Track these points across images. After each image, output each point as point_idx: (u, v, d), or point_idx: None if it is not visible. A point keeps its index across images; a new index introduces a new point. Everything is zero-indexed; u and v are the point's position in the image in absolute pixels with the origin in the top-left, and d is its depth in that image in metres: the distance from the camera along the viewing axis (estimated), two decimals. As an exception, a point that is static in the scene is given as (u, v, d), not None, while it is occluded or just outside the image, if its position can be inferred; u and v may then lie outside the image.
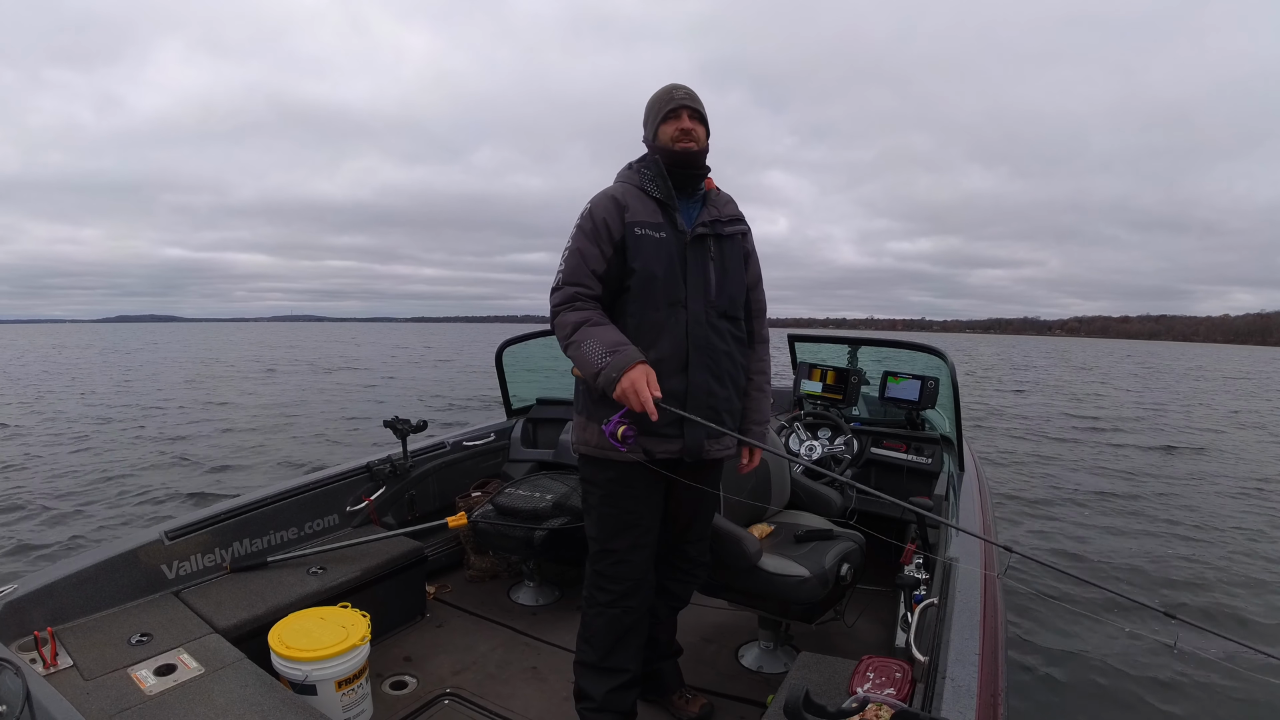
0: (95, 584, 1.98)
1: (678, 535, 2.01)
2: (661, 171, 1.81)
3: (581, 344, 1.67)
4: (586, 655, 1.93)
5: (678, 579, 2.08)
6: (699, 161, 1.83)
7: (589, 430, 1.82)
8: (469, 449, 3.32)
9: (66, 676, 1.64)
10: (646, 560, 1.89)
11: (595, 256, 1.74)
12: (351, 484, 2.83)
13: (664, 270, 1.76)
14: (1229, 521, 6.01)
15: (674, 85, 1.84)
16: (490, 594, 2.95)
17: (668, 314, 1.76)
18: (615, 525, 1.85)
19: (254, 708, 1.55)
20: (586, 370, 1.68)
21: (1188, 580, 4.60)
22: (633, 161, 1.90)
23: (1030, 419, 12.89)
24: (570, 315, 1.73)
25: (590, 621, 1.92)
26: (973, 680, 1.27)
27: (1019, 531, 5.57)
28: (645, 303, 1.76)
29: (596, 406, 1.78)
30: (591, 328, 1.69)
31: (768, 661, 2.45)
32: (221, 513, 2.37)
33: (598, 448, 1.79)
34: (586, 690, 1.93)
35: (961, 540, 1.99)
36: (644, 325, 1.75)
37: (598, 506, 1.87)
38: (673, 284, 1.77)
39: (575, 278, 1.75)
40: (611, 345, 1.64)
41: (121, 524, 5.33)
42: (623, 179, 1.87)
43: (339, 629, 1.95)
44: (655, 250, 1.76)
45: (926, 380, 3.44)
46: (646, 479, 1.82)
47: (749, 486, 2.50)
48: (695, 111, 1.81)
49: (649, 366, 1.64)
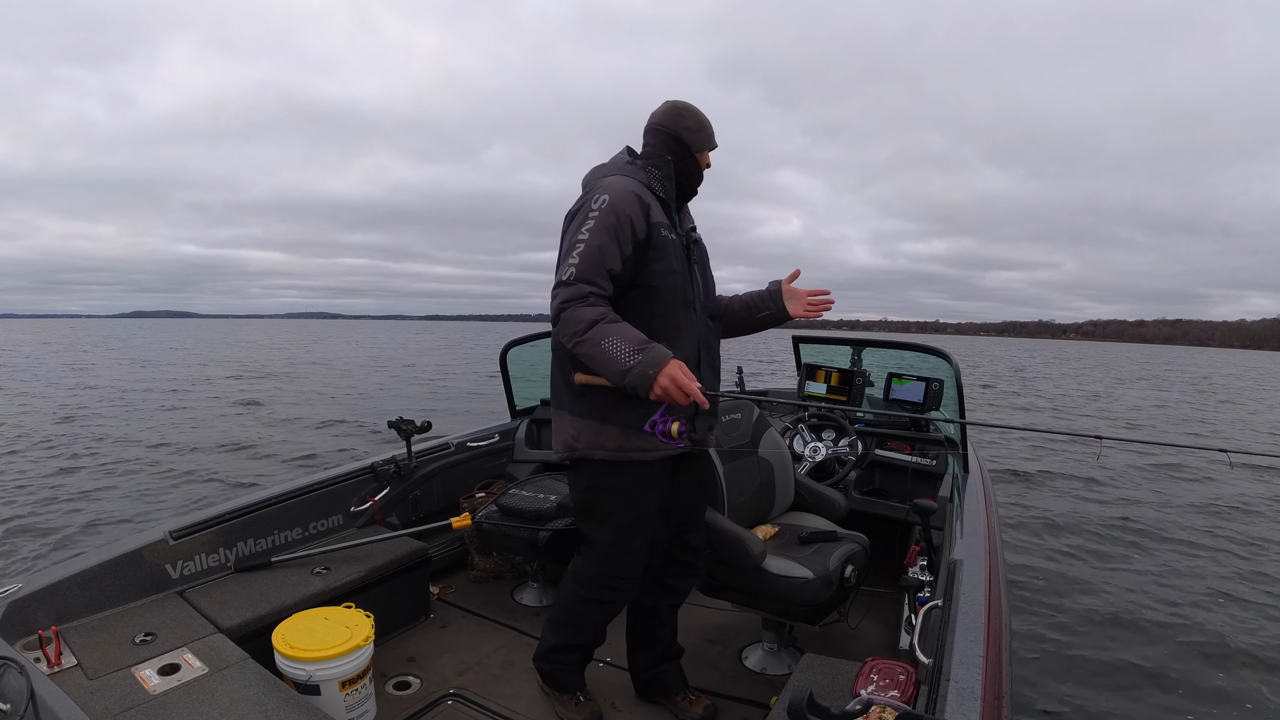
0: (99, 583, 1.98)
1: (679, 527, 2.03)
2: (671, 174, 1.83)
3: (601, 341, 1.60)
4: (571, 637, 2.04)
5: (679, 573, 2.08)
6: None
7: (605, 433, 1.78)
8: (473, 450, 3.32)
9: (71, 676, 1.65)
10: (647, 554, 1.96)
11: (614, 255, 1.68)
12: (356, 484, 2.83)
13: (682, 271, 1.80)
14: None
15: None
16: (494, 594, 2.95)
17: (683, 315, 1.80)
18: (634, 527, 1.88)
19: (258, 708, 1.56)
20: (610, 368, 1.61)
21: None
22: (635, 156, 1.87)
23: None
24: (584, 311, 1.63)
25: (583, 611, 1.99)
26: (977, 682, 1.26)
27: (1019, 532, 5.55)
28: (668, 303, 1.77)
29: (616, 409, 1.75)
30: (610, 324, 1.62)
31: (771, 663, 2.45)
32: (226, 513, 2.37)
33: (618, 450, 1.78)
34: (564, 660, 2.07)
35: (965, 542, 1.99)
36: (670, 325, 1.75)
37: (619, 512, 1.86)
38: (686, 285, 1.82)
39: (590, 275, 1.65)
40: (639, 343, 1.60)
41: (125, 523, 5.36)
42: (629, 174, 1.80)
43: (343, 629, 1.95)
44: (674, 251, 1.79)
45: (931, 382, 3.44)
46: (659, 476, 1.86)
47: (753, 488, 2.49)
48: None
49: (680, 360, 1.63)
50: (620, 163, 1.85)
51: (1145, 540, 5.49)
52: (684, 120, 1.85)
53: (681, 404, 1.60)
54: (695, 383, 1.59)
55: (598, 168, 1.87)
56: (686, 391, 1.58)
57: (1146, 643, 3.69)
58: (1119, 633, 3.80)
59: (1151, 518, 6.17)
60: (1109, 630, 3.82)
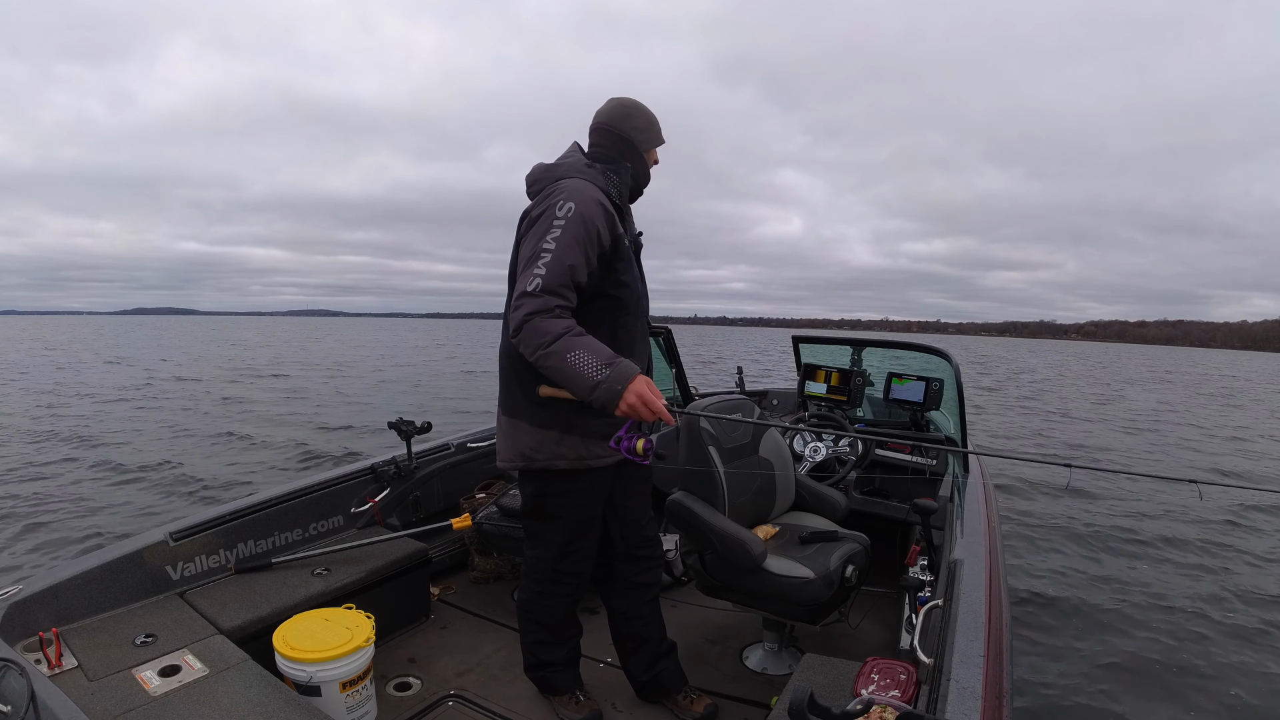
0: (100, 585, 1.98)
1: (634, 523, 2.04)
2: (627, 180, 1.83)
3: (567, 354, 1.57)
4: (540, 634, 2.08)
5: (644, 568, 2.09)
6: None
7: (567, 443, 1.80)
8: (473, 450, 3.33)
9: (71, 677, 1.65)
10: (596, 548, 2.03)
11: (582, 268, 1.64)
12: (356, 485, 2.83)
13: (641, 280, 1.83)
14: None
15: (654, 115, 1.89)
16: (494, 595, 2.95)
17: (641, 324, 1.84)
18: (582, 528, 1.95)
19: (258, 709, 1.56)
20: (576, 383, 1.58)
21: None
22: (594, 161, 1.81)
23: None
24: (551, 322, 1.59)
25: (543, 606, 2.04)
26: (977, 682, 1.26)
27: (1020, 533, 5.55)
28: (635, 313, 1.79)
29: (579, 417, 1.76)
30: (576, 338, 1.59)
31: (772, 663, 2.45)
32: (226, 514, 2.37)
33: (578, 459, 1.82)
34: (547, 659, 2.09)
35: (966, 542, 1.99)
36: (631, 336, 1.76)
37: (570, 515, 1.93)
38: (644, 294, 1.86)
39: (557, 287, 1.61)
40: (606, 358, 1.58)
41: (125, 525, 5.35)
42: (591, 179, 1.75)
43: (343, 630, 1.96)
44: (634, 261, 1.82)
45: (931, 382, 3.44)
46: (605, 480, 1.91)
47: (753, 488, 2.49)
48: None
49: (646, 376, 1.63)
50: (578, 165, 1.78)
51: (1145, 542, 5.48)
52: (632, 119, 1.85)
53: (648, 420, 1.59)
54: (661, 399, 1.58)
55: (549, 167, 1.80)
56: (652, 409, 1.57)
57: (1146, 642, 3.69)
58: (1119, 632, 3.81)
59: (1154, 519, 6.17)
60: (1108, 630, 3.82)
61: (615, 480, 1.95)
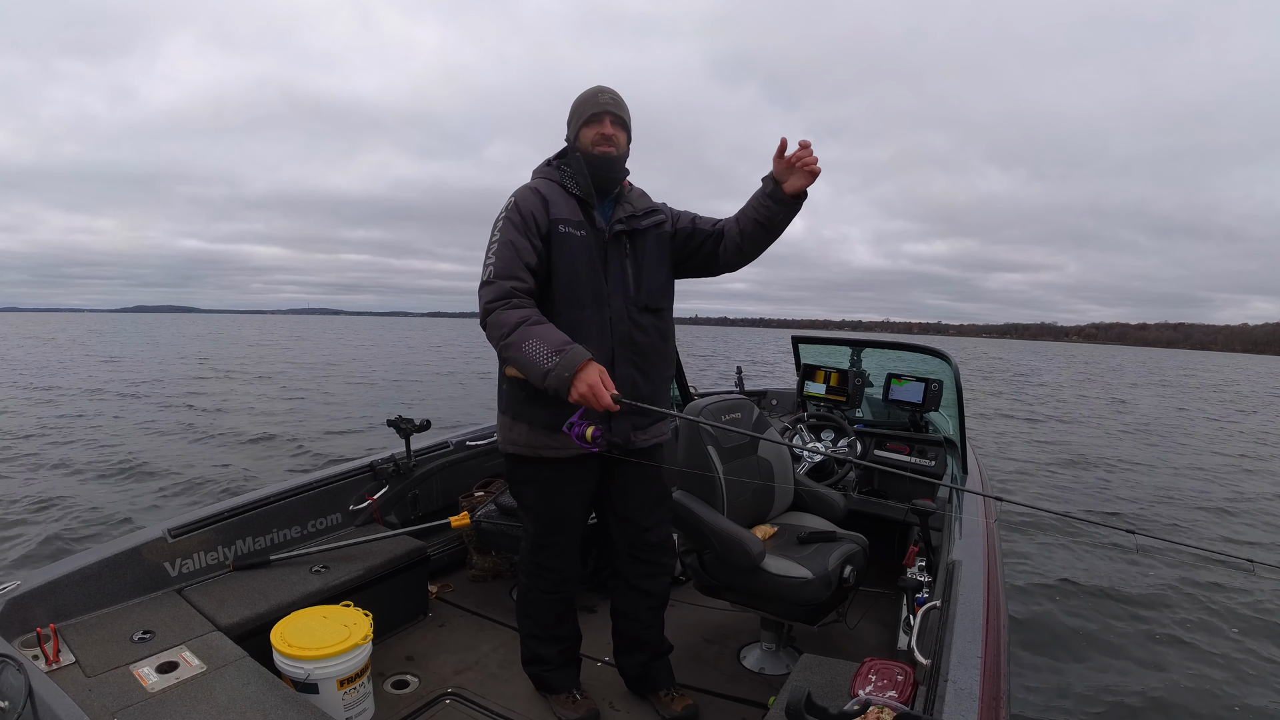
0: (98, 581, 1.98)
1: (637, 525, 2.02)
2: (583, 169, 1.82)
3: (522, 344, 1.63)
4: (533, 628, 2.10)
5: (646, 573, 2.07)
6: (618, 167, 1.87)
7: (515, 430, 1.86)
8: (472, 448, 3.32)
9: (69, 673, 1.65)
10: (577, 549, 2.03)
11: (527, 249, 1.73)
12: (355, 483, 2.83)
13: (586, 268, 1.80)
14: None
15: (600, 89, 1.85)
16: (493, 593, 2.95)
17: (593, 312, 1.80)
18: (552, 521, 1.96)
19: (256, 706, 1.56)
20: (531, 371, 1.64)
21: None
22: (551, 159, 1.91)
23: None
24: (508, 314, 1.67)
25: (534, 601, 2.06)
26: (975, 683, 1.26)
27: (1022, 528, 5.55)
28: (571, 302, 1.78)
29: (526, 406, 1.81)
30: (531, 326, 1.65)
31: (770, 663, 2.45)
32: (224, 511, 2.37)
33: (527, 446, 1.85)
34: (541, 655, 2.10)
35: (964, 543, 1.99)
36: (571, 324, 1.74)
37: (534, 505, 1.96)
38: (595, 282, 1.81)
39: (509, 271, 1.71)
40: (557, 345, 1.61)
41: (124, 521, 5.35)
42: (542, 175, 1.87)
43: (341, 628, 1.95)
44: (577, 248, 1.79)
45: (930, 382, 3.44)
46: (577, 475, 1.90)
47: (752, 487, 2.50)
48: (618, 118, 1.84)
49: (598, 363, 1.63)
50: (538, 169, 1.91)
51: (1146, 547, 5.49)
52: (571, 114, 1.88)
53: (598, 409, 1.60)
54: (606, 392, 1.58)
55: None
56: (598, 398, 1.57)
57: (1147, 641, 3.70)
58: (1118, 631, 3.81)
59: (1153, 523, 6.17)
60: (1109, 628, 3.83)
61: (611, 478, 1.95)
